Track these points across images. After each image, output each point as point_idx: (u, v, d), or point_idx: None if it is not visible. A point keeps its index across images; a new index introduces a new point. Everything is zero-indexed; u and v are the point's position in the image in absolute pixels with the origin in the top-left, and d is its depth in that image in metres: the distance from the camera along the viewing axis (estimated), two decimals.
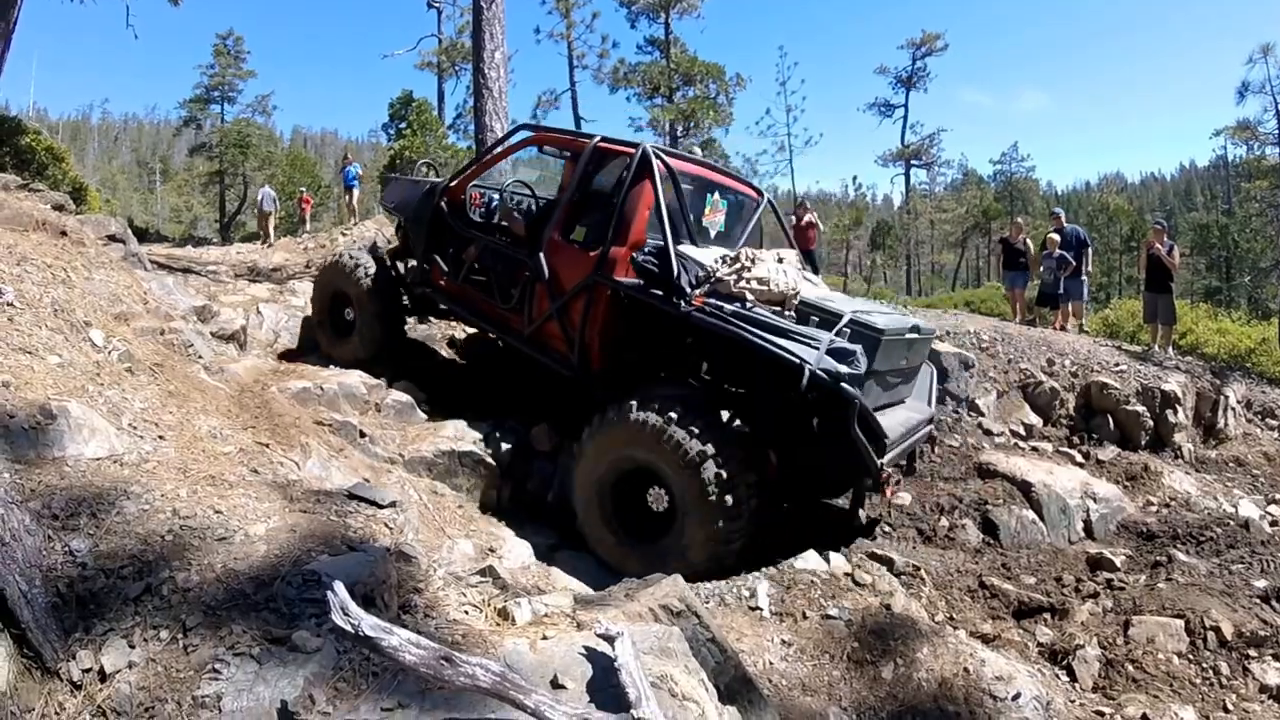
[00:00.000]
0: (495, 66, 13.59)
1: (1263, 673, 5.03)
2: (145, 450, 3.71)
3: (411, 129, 31.54)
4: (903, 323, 6.10)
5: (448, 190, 7.61)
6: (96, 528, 2.92)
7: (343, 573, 2.81)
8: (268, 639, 2.54)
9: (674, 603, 3.54)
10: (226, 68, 44.64)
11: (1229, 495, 8.89)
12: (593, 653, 2.85)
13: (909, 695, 4.07)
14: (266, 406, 5.74)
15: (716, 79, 32.88)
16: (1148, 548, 7.40)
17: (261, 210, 23.83)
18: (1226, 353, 13.40)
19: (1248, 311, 20.39)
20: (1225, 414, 10.52)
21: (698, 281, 5.82)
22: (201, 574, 2.78)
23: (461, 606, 3.15)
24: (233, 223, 42.49)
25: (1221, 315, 17.30)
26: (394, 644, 2.36)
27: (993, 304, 19.16)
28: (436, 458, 6.29)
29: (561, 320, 6.49)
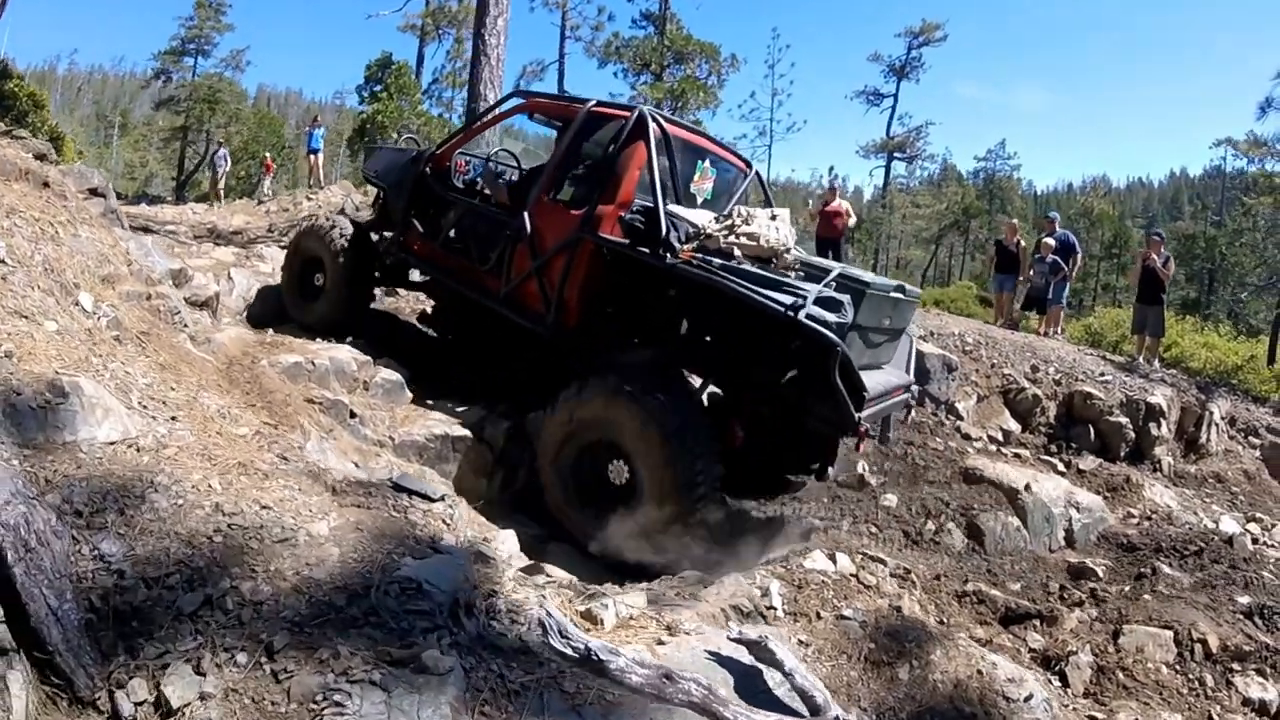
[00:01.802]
0: (496, 33, 13.22)
1: (1246, 686, 5.20)
2: (160, 433, 3.41)
3: (388, 92, 30.69)
4: (889, 282, 6.10)
5: (433, 157, 7.50)
6: (128, 526, 2.62)
7: (442, 579, 2.69)
8: (387, 660, 2.30)
9: (744, 603, 3.75)
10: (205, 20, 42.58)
11: (1208, 511, 9.05)
12: (719, 656, 2.92)
13: (926, 696, 4.03)
14: (258, 382, 5.48)
15: (710, 59, 32.37)
16: (1129, 559, 7.54)
17: (213, 170, 23.09)
18: (1213, 368, 13.59)
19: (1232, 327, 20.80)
20: (1209, 429, 10.66)
21: (687, 238, 5.80)
22: (272, 583, 2.52)
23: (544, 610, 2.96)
24: (189, 181, 41.04)
25: (1208, 330, 17.57)
26: (620, 665, 2.37)
27: (963, 304, 19.27)
28: (428, 442, 6.11)
29: (540, 278, 6.43)
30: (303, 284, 8.11)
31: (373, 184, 9.03)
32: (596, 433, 5.65)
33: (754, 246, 5.54)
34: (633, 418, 5.37)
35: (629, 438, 5.43)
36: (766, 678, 2.96)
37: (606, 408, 5.52)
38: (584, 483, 5.84)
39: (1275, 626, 6.08)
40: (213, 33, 42.91)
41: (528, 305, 6.57)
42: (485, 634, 2.69)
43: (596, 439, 5.69)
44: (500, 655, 2.62)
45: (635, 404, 5.37)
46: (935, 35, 41.81)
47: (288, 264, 8.35)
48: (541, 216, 6.49)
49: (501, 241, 6.68)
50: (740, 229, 5.59)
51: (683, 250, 5.66)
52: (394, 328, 8.87)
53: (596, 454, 5.77)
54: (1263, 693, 5.13)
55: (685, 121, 7.38)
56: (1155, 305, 13.23)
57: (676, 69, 33.05)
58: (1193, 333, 16.34)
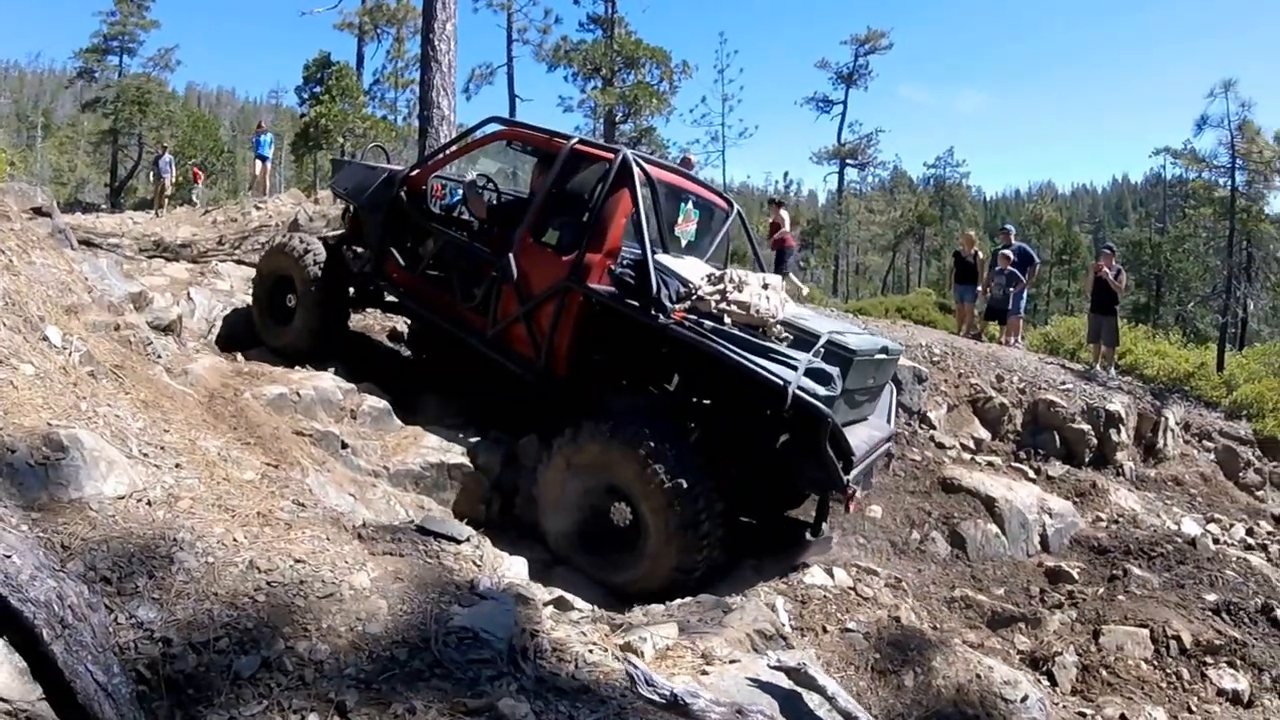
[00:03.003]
0: (446, 38, 12.88)
1: (1219, 678, 5.56)
2: (168, 483, 3.26)
3: (330, 94, 30.09)
4: (874, 344, 6.21)
5: (408, 179, 7.31)
6: (161, 590, 2.50)
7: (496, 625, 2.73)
8: (463, 711, 2.29)
9: (766, 627, 4.01)
10: (128, 16, 40.33)
11: (1170, 513, 9.38)
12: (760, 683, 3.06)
13: (931, 701, 4.27)
14: (243, 416, 5.31)
15: (661, 64, 32.29)
16: (1101, 562, 7.80)
17: (158, 175, 22.43)
18: (1166, 375, 14.03)
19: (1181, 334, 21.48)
20: (1165, 435, 11.05)
21: (678, 296, 5.83)
22: (328, 640, 2.46)
23: (585, 645, 3.02)
24: (124, 188, 39.68)
25: (1160, 338, 18.11)
26: (701, 706, 2.53)
27: (924, 310, 19.56)
28: (424, 470, 6.02)
29: (529, 324, 6.38)
30: (274, 306, 7.84)
31: (342, 199, 8.82)
32: (595, 477, 5.65)
33: (745, 315, 5.57)
34: (629, 459, 5.38)
35: (629, 480, 5.44)
36: (806, 700, 3.12)
37: (604, 452, 5.52)
38: (587, 527, 5.82)
39: (1242, 621, 6.39)
40: (137, 29, 40.90)
41: (516, 350, 6.53)
42: (543, 676, 2.71)
43: (595, 484, 5.68)
44: (564, 697, 2.64)
45: (631, 445, 5.38)
46: (881, 43, 42.73)
47: (257, 286, 8.08)
48: (528, 260, 6.42)
49: (486, 280, 6.60)
50: (732, 295, 5.62)
51: (675, 310, 5.70)
52: (366, 348, 8.69)
53: (597, 498, 5.75)
54: (1235, 683, 5.50)
55: (667, 163, 7.37)
56: (1109, 315, 13.71)
57: (627, 74, 32.94)
58: (1145, 341, 16.82)
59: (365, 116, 31.09)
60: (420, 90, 13.64)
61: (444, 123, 12.70)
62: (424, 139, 12.72)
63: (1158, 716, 4.87)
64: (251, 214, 17.13)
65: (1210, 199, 19.99)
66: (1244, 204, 17.92)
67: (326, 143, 30.99)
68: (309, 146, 31.89)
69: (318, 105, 30.53)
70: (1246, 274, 17.85)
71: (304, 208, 16.08)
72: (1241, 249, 18.04)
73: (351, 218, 8.21)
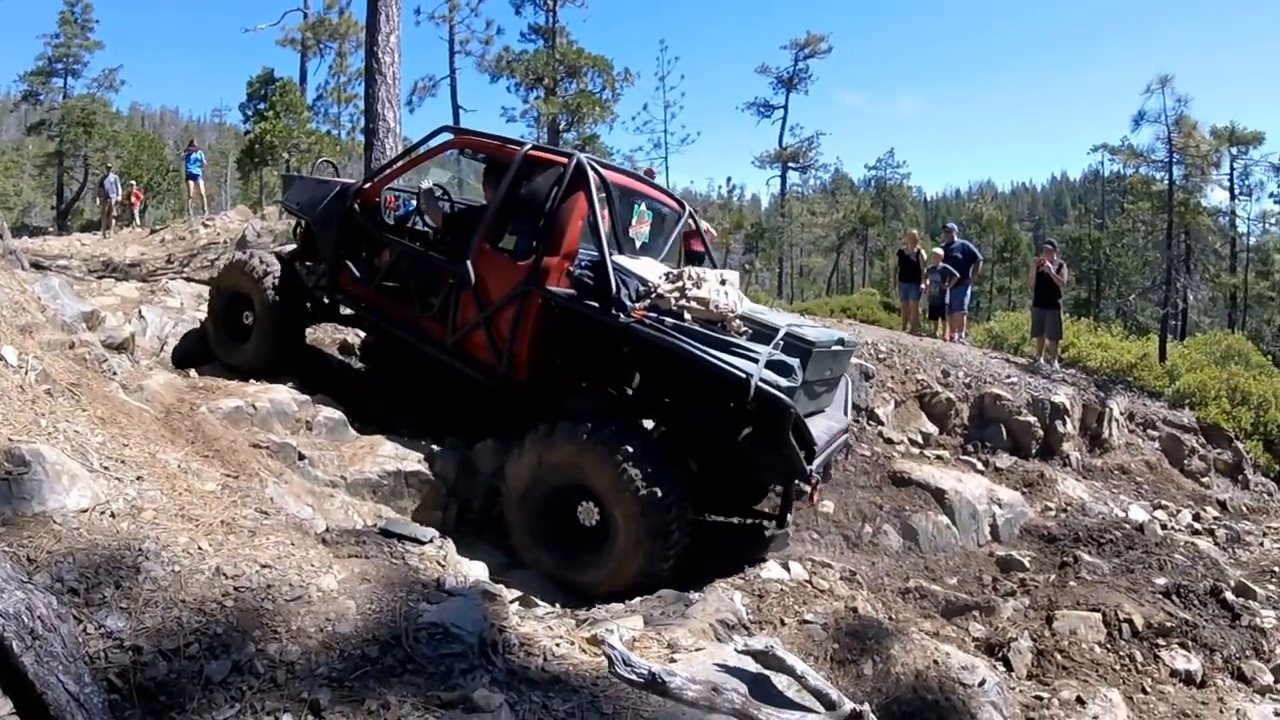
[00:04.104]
0: (390, 50, 12.73)
1: (1171, 659, 5.65)
2: (130, 495, 3.29)
3: (274, 110, 29.70)
4: (831, 336, 6.31)
5: (361, 192, 7.27)
6: (129, 600, 2.54)
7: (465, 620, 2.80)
8: (438, 704, 2.34)
9: (729, 617, 4.09)
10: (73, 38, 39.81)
11: (1117, 501, 9.63)
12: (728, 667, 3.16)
13: (890, 688, 4.32)
14: (200, 430, 5.31)
15: (603, 72, 32.30)
16: (1051, 550, 7.96)
17: (104, 197, 22.08)
18: (1109, 366, 14.34)
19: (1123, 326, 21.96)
20: (1110, 425, 11.34)
21: (638, 295, 5.87)
22: (298, 642, 2.50)
23: (553, 639, 3.10)
24: (70, 210, 38.86)
25: (1102, 330, 18.51)
26: (678, 684, 2.60)
27: (869, 310, 19.84)
28: (381, 479, 6.00)
29: (489, 330, 6.38)
30: (230, 324, 7.76)
31: (294, 215, 8.69)
32: (566, 476, 5.65)
33: (704, 311, 5.63)
34: (605, 464, 5.38)
35: (603, 484, 5.46)
36: (775, 682, 3.22)
37: (578, 453, 5.51)
38: (553, 524, 5.82)
39: (1192, 603, 6.49)
40: (82, 51, 40.35)
41: (476, 356, 6.51)
42: (514, 668, 2.78)
43: (565, 482, 5.68)
44: (537, 687, 2.71)
45: (607, 450, 5.38)
46: (820, 47, 42.51)
47: (212, 303, 7.97)
48: (485, 266, 6.41)
49: (444, 289, 6.58)
50: (691, 292, 5.68)
51: (635, 309, 5.73)
52: (318, 361, 8.61)
53: (566, 496, 5.76)
54: (1187, 664, 5.57)
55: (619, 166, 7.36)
56: (1052, 309, 13.98)
57: (569, 83, 32.91)
58: (1087, 334, 17.18)
59: (310, 132, 30.69)
60: (365, 103, 13.50)
61: (389, 135, 12.57)
62: (370, 152, 12.61)
63: (1113, 698, 4.91)
64: (199, 232, 16.99)
65: (1148, 193, 20.45)
66: (1181, 197, 18.37)
67: (272, 159, 30.58)
68: (254, 163, 31.42)
69: (262, 122, 30.09)
70: (1186, 266, 18.29)
71: (251, 224, 15.95)
72: (1180, 242, 18.49)
73: (303, 233, 8.14)
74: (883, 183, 52.09)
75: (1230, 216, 34.24)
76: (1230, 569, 7.59)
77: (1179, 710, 4.90)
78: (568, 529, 5.80)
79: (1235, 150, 33.16)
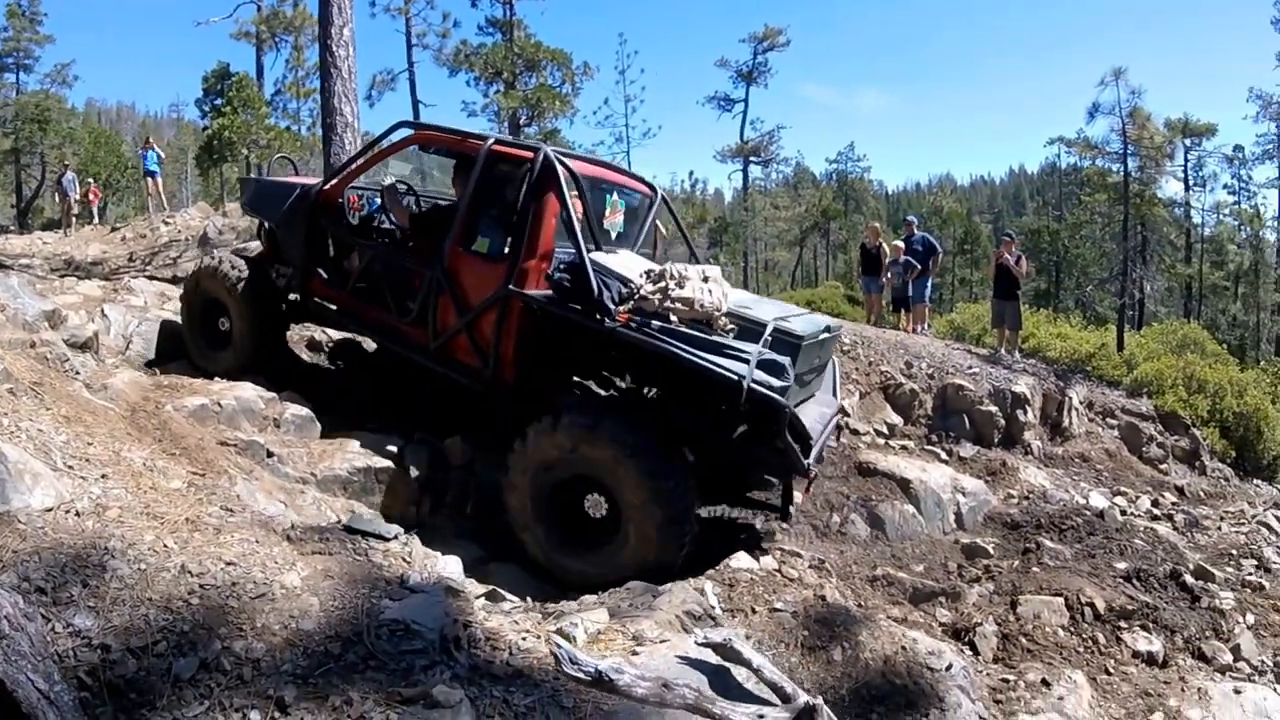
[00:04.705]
0: (344, 44, 12.42)
1: (1134, 640, 5.74)
2: (95, 494, 3.29)
3: (231, 106, 29.29)
4: (817, 324, 6.24)
5: (321, 193, 7.04)
6: (97, 598, 2.54)
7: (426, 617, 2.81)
8: (399, 700, 2.37)
9: (695, 608, 4.12)
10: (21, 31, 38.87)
11: (1078, 488, 9.79)
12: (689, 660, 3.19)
13: (860, 673, 4.35)
14: (167, 428, 5.25)
15: (562, 66, 32.14)
16: (1014, 536, 8.06)
17: (63, 195, 21.72)
18: (1068, 356, 14.55)
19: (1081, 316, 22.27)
20: (1070, 413, 11.54)
21: (620, 298, 5.73)
22: (263, 639, 2.52)
23: (519, 633, 3.11)
24: (30, 208, 38.03)
25: (1061, 321, 18.76)
26: (627, 680, 2.61)
27: (833, 303, 20.00)
28: (351, 475, 5.97)
29: (471, 335, 6.25)
30: (206, 330, 7.61)
31: (255, 217, 8.51)
32: (574, 467, 5.56)
33: (689, 311, 5.52)
34: (616, 454, 5.31)
35: (611, 474, 5.39)
36: (734, 674, 3.24)
37: (588, 443, 5.41)
38: (559, 517, 5.76)
39: (1152, 586, 6.60)
40: (32, 45, 39.47)
41: (461, 361, 6.39)
42: (476, 664, 2.80)
43: (573, 473, 5.60)
44: (498, 682, 2.74)
45: (618, 440, 5.32)
46: (779, 40, 42.27)
47: (186, 310, 7.80)
48: (460, 269, 6.28)
49: (420, 292, 6.43)
50: (674, 292, 5.57)
51: (619, 312, 5.61)
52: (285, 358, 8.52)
53: (572, 487, 5.70)
54: (1149, 645, 5.66)
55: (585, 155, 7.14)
56: (1011, 300, 14.14)
57: (529, 77, 32.72)
58: (1047, 324, 17.40)
59: (269, 127, 30.33)
60: (321, 98, 13.22)
61: (348, 130, 12.33)
62: (329, 147, 12.35)
63: (1077, 679, 4.97)
64: (160, 229, 16.83)
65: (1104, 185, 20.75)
66: (1137, 189, 18.64)
67: (231, 155, 30.24)
68: (213, 160, 31.04)
69: (219, 117, 29.70)
70: (1142, 257, 18.59)
71: (212, 221, 15.80)
72: (1136, 233, 18.78)
73: (268, 236, 7.96)
74: (844, 176, 52.27)
75: (1185, 208, 34.97)
76: (1189, 553, 7.73)
77: (1142, 690, 4.98)
78: (575, 521, 5.75)
79: (1189, 142, 33.80)
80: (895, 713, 3.99)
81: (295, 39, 35.68)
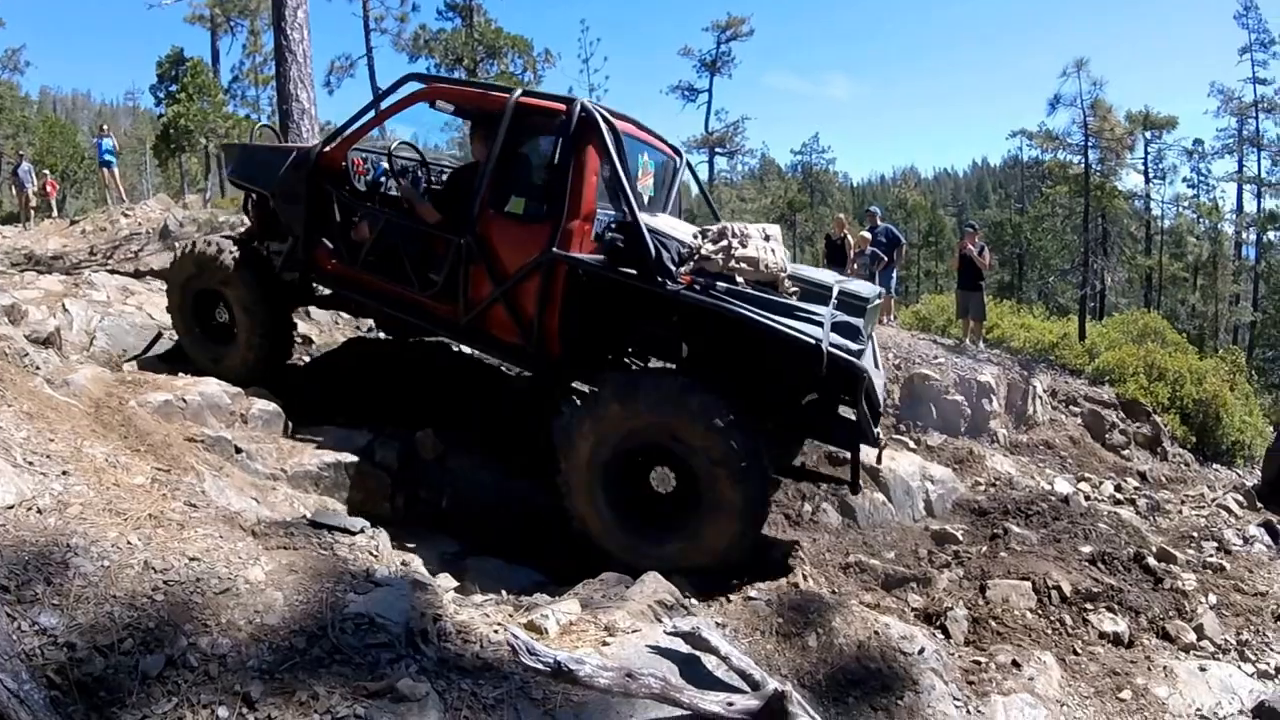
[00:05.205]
0: (298, 27, 12.16)
1: (1100, 622, 5.76)
2: (57, 490, 3.23)
3: (186, 93, 28.76)
4: (871, 289, 6.07)
5: (323, 156, 6.47)
6: (61, 596, 2.51)
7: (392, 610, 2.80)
8: (365, 694, 2.36)
9: (667, 597, 4.08)
10: None
11: (1043, 474, 9.93)
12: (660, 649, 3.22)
13: (834, 658, 4.37)
14: (131, 424, 5.15)
15: (524, 53, 31.93)
16: (982, 522, 8.13)
17: (20, 186, 21.30)
18: (1032, 346, 14.80)
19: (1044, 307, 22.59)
20: (1034, 402, 11.73)
21: (680, 259, 5.40)
22: (228, 634, 2.51)
23: (490, 626, 3.10)
24: None
25: (1024, 312, 19.01)
26: (588, 671, 2.61)
27: None
28: (322, 471, 5.89)
29: (509, 306, 5.78)
30: (203, 325, 7.18)
31: (244, 189, 7.65)
32: (644, 437, 5.20)
33: (754, 271, 5.23)
34: (700, 424, 4.96)
35: (692, 444, 5.04)
36: (704, 662, 3.25)
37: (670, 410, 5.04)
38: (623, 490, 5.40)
39: (1116, 569, 6.66)
40: None
41: (499, 337, 5.99)
42: (445, 657, 2.79)
43: (641, 443, 5.25)
44: (467, 675, 2.73)
45: (703, 409, 4.96)
46: (742, 29, 42.21)
47: (176, 306, 7.24)
48: (494, 234, 5.81)
49: (445, 262, 5.95)
50: (738, 251, 5.24)
51: (682, 274, 5.28)
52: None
53: (638, 460, 5.38)
54: (1115, 626, 5.68)
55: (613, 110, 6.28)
56: (976, 291, 14.35)
57: (490, 64, 32.46)
58: (1011, 315, 17.72)
59: (227, 115, 29.89)
60: (277, 83, 12.87)
61: (305, 116, 12.05)
62: (286, 135, 11.95)
63: (1046, 660, 4.97)
64: (120, 222, 16.51)
65: (1065, 177, 21.04)
66: (1098, 180, 18.90)
67: (189, 144, 29.74)
68: (171, 149, 30.47)
69: (175, 105, 29.19)
70: (1103, 248, 18.88)
71: (173, 213, 15.55)
72: (1097, 225, 19.06)
73: (256, 209, 7.33)
74: (809, 168, 52.13)
75: (1145, 200, 35.53)
76: (1152, 536, 7.85)
77: (1110, 669, 5.03)
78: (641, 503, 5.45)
79: (1149, 135, 34.27)
80: (871, 696, 4.02)
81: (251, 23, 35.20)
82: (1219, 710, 4.63)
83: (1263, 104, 34.82)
